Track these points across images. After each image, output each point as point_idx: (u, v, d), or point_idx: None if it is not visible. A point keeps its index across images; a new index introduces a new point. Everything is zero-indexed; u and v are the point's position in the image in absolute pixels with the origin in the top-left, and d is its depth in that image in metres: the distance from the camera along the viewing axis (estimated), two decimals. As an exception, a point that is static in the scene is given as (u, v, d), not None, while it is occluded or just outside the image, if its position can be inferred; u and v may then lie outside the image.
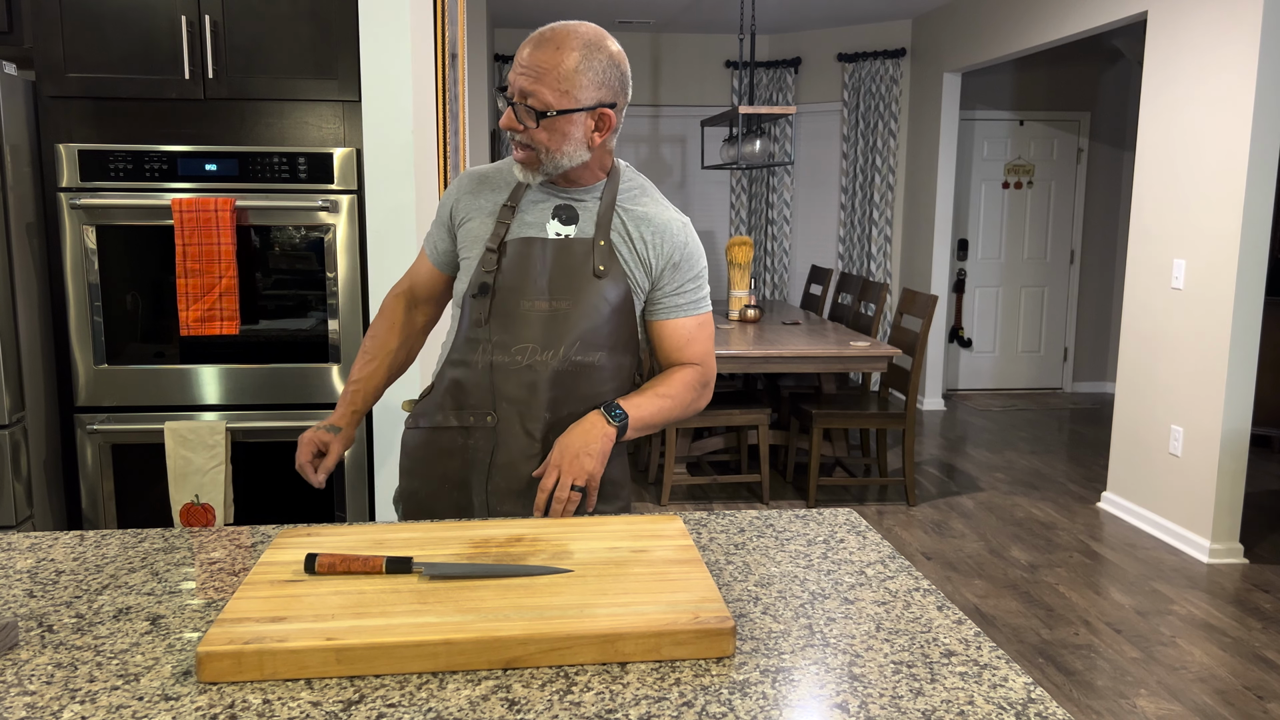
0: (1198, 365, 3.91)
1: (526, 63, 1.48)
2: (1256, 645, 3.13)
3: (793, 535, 1.44)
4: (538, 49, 1.48)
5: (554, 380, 1.57)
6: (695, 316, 1.66)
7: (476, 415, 1.60)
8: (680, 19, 6.77)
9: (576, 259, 1.57)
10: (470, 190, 1.64)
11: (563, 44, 1.47)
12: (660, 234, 1.61)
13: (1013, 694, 0.99)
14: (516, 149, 1.54)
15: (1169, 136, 4.10)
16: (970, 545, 4.04)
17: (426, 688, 0.98)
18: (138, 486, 2.74)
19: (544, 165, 1.53)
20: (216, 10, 2.59)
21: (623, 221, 1.60)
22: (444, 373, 1.63)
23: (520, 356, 1.57)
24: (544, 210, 1.59)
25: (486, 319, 1.57)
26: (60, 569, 1.30)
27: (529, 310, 1.56)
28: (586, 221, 1.59)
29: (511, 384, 1.57)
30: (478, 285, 1.58)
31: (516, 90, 1.49)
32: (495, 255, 1.57)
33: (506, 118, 1.51)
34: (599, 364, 1.59)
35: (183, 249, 2.58)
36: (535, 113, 1.48)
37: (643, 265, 1.61)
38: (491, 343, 1.57)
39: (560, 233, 1.58)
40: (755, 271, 7.49)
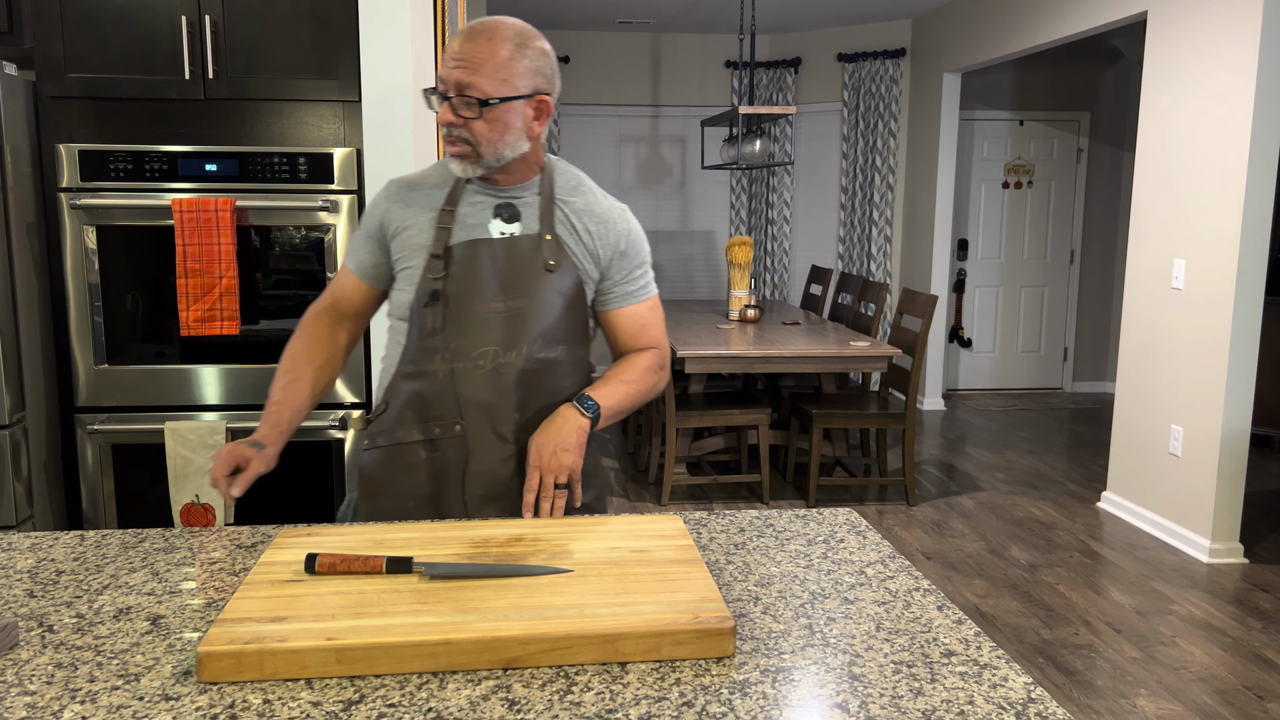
0: (1198, 365, 3.91)
1: (459, 55, 1.46)
2: (1256, 645, 3.13)
3: (793, 535, 1.44)
4: (469, 41, 1.46)
5: (520, 380, 1.56)
6: (647, 302, 1.69)
7: (443, 426, 1.56)
8: (680, 19, 6.77)
9: (526, 256, 1.56)
10: (400, 199, 1.60)
11: (495, 35, 1.47)
12: (604, 224, 1.62)
13: (1013, 694, 0.99)
14: (452, 145, 1.51)
15: (1169, 136, 4.10)
16: (970, 545, 4.04)
17: (427, 688, 0.98)
18: (138, 486, 2.74)
19: (484, 159, 1.51)
20: (216, 10, 2.59)
21: (565, 215, 1.60)
22: (397, 387, 1.58)
23: (483, 361, 1.54)
24: (484, 211, 1.57)
25: (441, 327, 1.54)
26: (61, 569, 1.30)
27: (485, 313, 1.54)
28: (530, 218, 1.58)
29: (476, 389, 1.55)
30: (428, 293, 1.54)
31: (451, 84, 1.47)
32: (442, 261, 1.54)
33: (445, 113, 1.48)
34: (560, 358, 1.60)
35: (183, 249, 2.58)
36: (477, 103, 1.46)
37: (591, 256, 1.61)
38: (449, 350, 1.54)
39: (505, 231, 1.57)
40: (755, 271, 7.49)
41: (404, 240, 1.57)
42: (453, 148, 1.51)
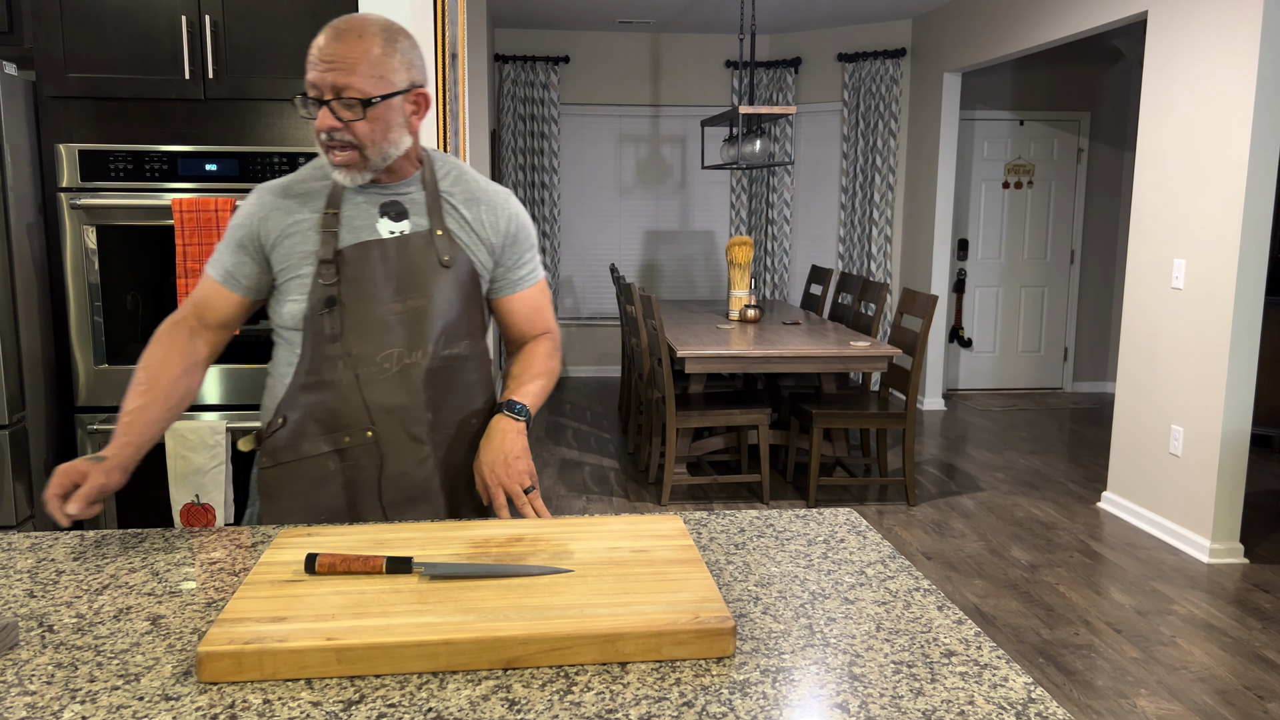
0: (1198, 365, 3.91)
1: (330, 57, 1.41)
2: (1257, 645, 3.13)
3: (793, 535, 1.44)
4: (338, 41, 1.42)
5: (429, 380, 1.54)
6: (537, 285, 1.70)
7: (352, 434, 1.52)
8: (680, 19, 6.77)
9: (419, 254, 1.53)
10: (278, 207, 1.53)
11: (363, 32, 1.43)
12: (493, 210, 1.61)
13: (1013, 694, 0.99)
14: (334, 151, 1.45)
15: (1169, 136, 4.10)
16: (970, 545, 4.04)
17: (427, 688, 0.98)
18: (138, 486, 2.74)
19: (370, 162, 1.47)
20: (216, 10, 2.59)
21: (452, 206, 1.58)
22: (295, 399, 1.53)
23: (388, 364, 1.51)
24: (370, 211, 1.53)
25: (340, 332, 1.49)
26: (61, 569, 1.30)
27: (385, 315, 1.51)
28: (417, 214, 1.55)
29: (385, 393, 1.52)
30: (323, 300, 1.49)
31: (327, 87, 1.42)
32: (333, 266, 1.48)
33: (324, 118, 1.43)
34: (464, 353, 1.59)
35: (183, 249, 2.58)
36: (359, 104, 1.42)
37: (484, 245, 1.60)
38: (351, 355, 1.50)
39: (394, 230, 1.53)
40: (755, 271, 7.49)
41: (288, 248, 1.51)
42: (337, 155, 1.46)
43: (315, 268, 1.50)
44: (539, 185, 7.32)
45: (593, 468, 5.15)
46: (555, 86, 7.20)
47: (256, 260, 1.54)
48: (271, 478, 1.55)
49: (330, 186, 1.54)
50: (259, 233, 1.53)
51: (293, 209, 1.53)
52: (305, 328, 1.51)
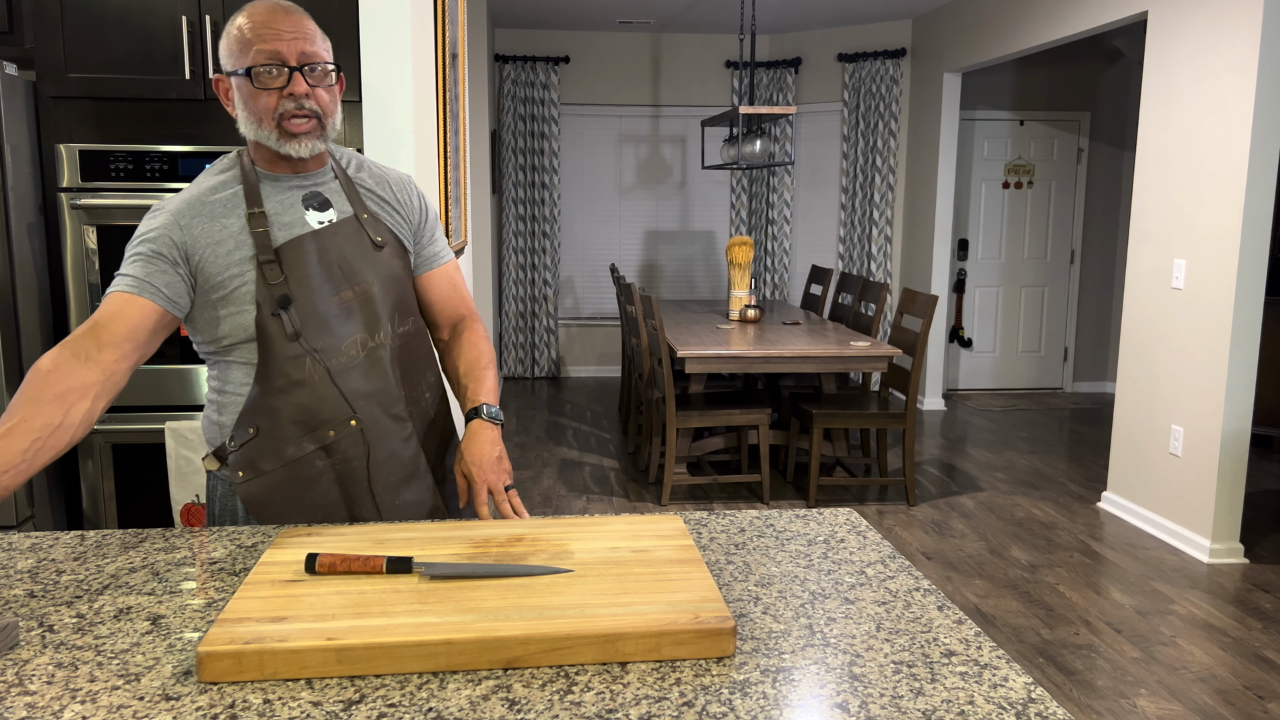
0: (1198, 365, 3.91)
1: (290, 27, 1.43)
2: (1257, 645, 3.13)
3: (793, 535, 1.44)
4: (287, 15, 1.44)
5: (395, 358, 1.57)
6: (451, 262, 1.72)
7: (336, 426, 1.51)
8: (680, 19, 6.77)
9: (352, 240, 1.54)
10: (198, 214, 1.46)
11: (297, 9, 1.47)
12: (403, 189, 1.64)
13: (1013, 694, 0.99)
14: (297, 120, 1.44)
15: (1169, 136, 4.10)
16: (970, 545, 4.04)
17: (427, 688, 0.98)
18: (138, 486, 2.74)
19: (325, 132, 1.49)
20: (217, 10, 2.59)
21: (368, 189, 1.60)
22: (265, 406, 1.48)
23: (354, 351, 1.52)
24: (294, 205, 1.51)
25: (299, 330, 1.47)
26: (61, 569, 1.30)
27: (338, 304, 1.51)
28: (339, 202, 1.56)
29: (359, 379, 1.52)
30: (276, 300, 1.45)
31: (294, 55, 1.42)
32: (276, 265, 1.46)
33: (299, 84, 1.42)
34: (414, 329, 1.62)
35: (183, 249, 2.58)
36: (332, 70, 1.47)
37: (407, 222, 1.63)
38: (317, 351, 1.48)
39: (322, 221, 1.53)
40: (755, 271, 7.49)
41: (221, 257, 1.45)
42: (301, 124, 1.45)
43: (256, 271, 1.46)
44: (539, 185, 7.32)
45: (593, 468, 5.15)
46: (555, 86, 7.20)
47: (179, 272, 1.44)
48: (255, 489, 1.50)
49: (241, 186, 1.50)
50: (184, 242, 1.44)
51: (216, 215, 1.47)
52: (259, 333, 1.46)
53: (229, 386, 1.51)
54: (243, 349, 1.48)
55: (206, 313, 1.47)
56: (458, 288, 1.72)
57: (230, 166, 1.53)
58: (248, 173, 1.51)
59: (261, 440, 1.49)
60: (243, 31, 1.43)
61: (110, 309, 1.40)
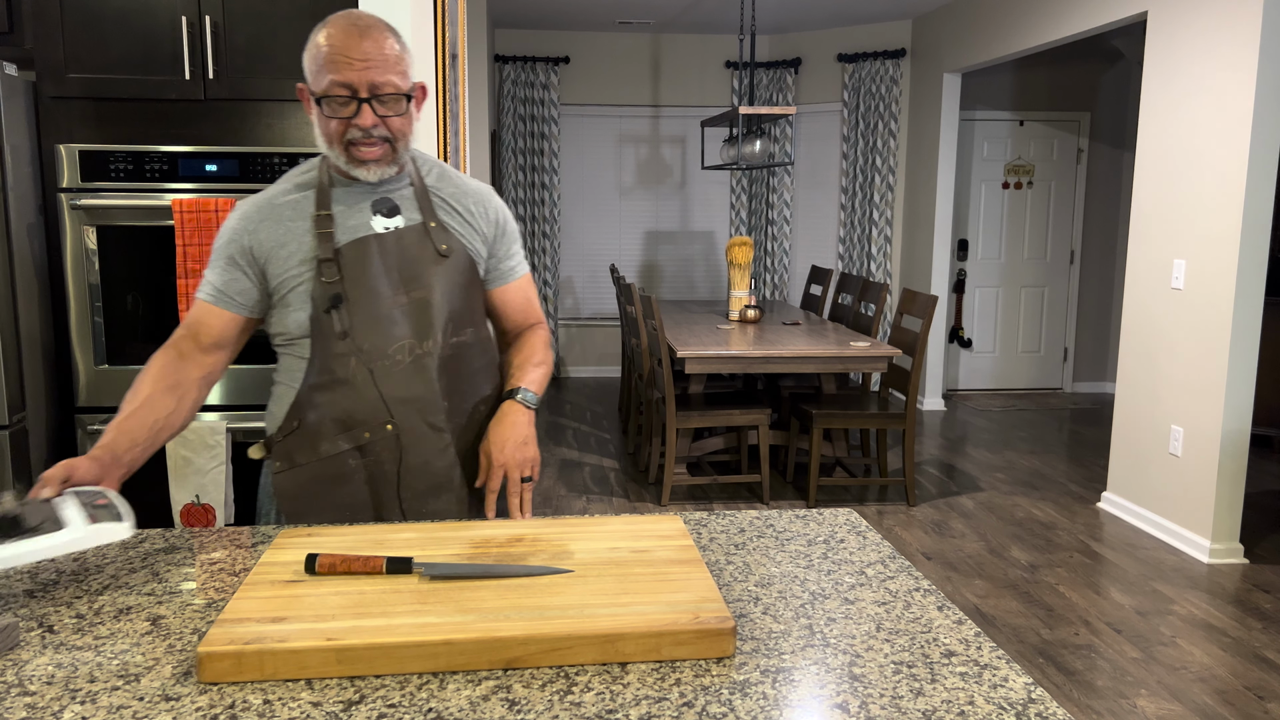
0: (1198, 365, 3.91)
1: (362, 55, 1.43)
2: (1257, 645, 3.13)
3: (793, 535, 1.44)
4: (363, 40, 1.43)
5: (442, 368, 1.56)
6: (526, 276, 1.73)
7: (372, 428, 1.53)
8: (680, 19, 6.77)
9: (416, 247, 1.55)
10: (266, 218, 1.53)
11: (381, 31, 1.46)
12: (481, 202, 1.65)
13: (1013, 694, 0.99)
14: (365, 148, 1.47)
15: (1169, 137, 4.10)
16: (970, 545, 4.04)
17: (427, 688, 0.98)
18: (138, 487, 2.73)
19: (398, 155, 1.51)
20: (217, 10, 2.59)
21: (442, 200, 1.61)
22: (309, 401, 1.53)
23: (400, 355, 1.53)
24: (362, 211, 1.54)
25: (348, 330, 1.50)
26: (61, 569, 1.30)
27: (390, 308, 1.52)
28: (409, 209, 1.57)
29: (400, 384, 1.53)
30: (328, 299, 1.49)
31: (364, 85, 1.43)
32: (334, 265, 1.50)
33: (367, 116, 1.44)
34: (471, 341, 1.62)
35: (183, 249, 2.58)
36: (403, 99, 1.47)
37: (479, 234, 1.63)
38: (363, 351, 1.51)
39: (388, 226, 1.54)
40: (755, 272, 7.49)
41: (284, 258, 1.51)
42: (369, 151, 1.47)
43: (315, 270, 1.50)
44: (539, 185, 7.32)
45: (593, 468, 5.15)
46: (555, 87, 7.20)
47: (250, 275, 1.53)
48: (287, 481, 1.55)
49: (316, 190, 1.54)
50: (250, 246, 1.52)
51: (283, 218, 1.53)
52: (313, 330, 1.51)
53: (284, 379, 1.58)
54: (300, 344, 1.54)
55: (274, 309, 1.55)
56: (530, 300, 1.74)
57: (310, 170, 1.57)
58: (323, 177, 1.55)
59: (301, 434, 1.54)
60: (319, 53, 1.45)
61: (198, 315, 1.54)
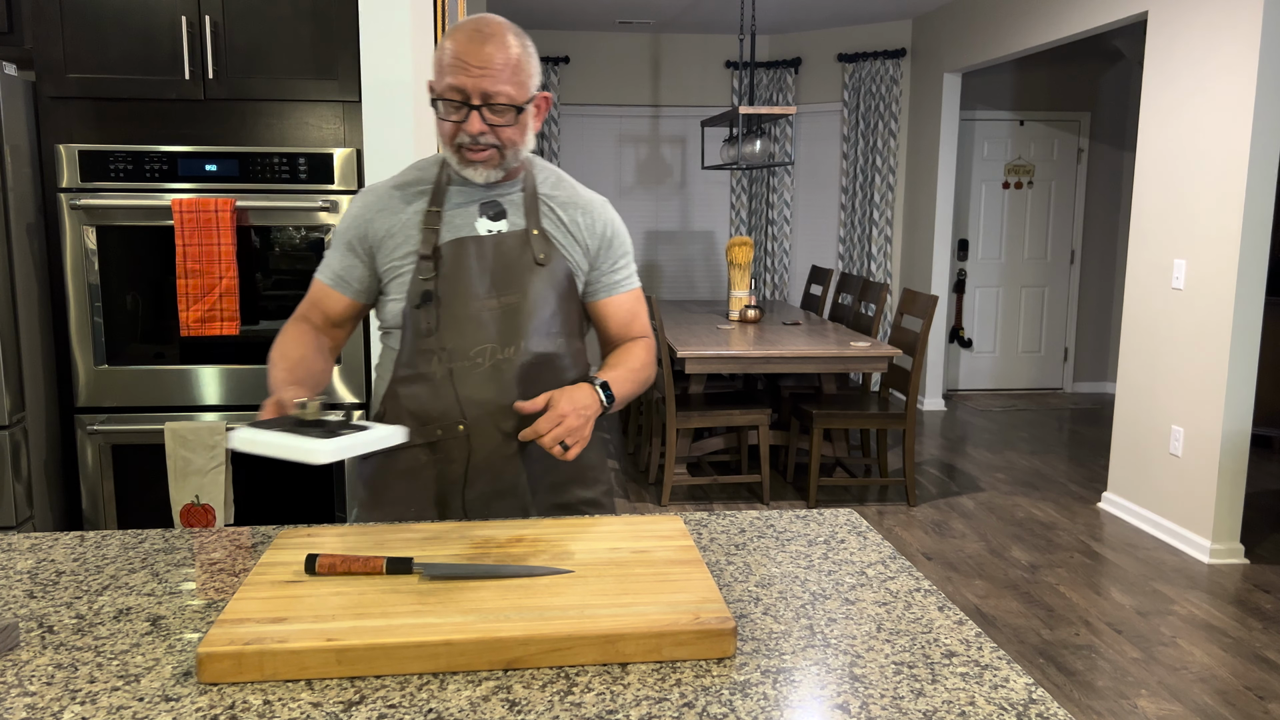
0: (1198, 365, 3.91)
1: (478, 62, 1.44)
2: (1257, 645, 3.13)
3: (793, 536, 1.44)
4: (483, 46, 1.44)
5: (521, 376, 1.56)
6: (633, 292, 1.70)
7: (445, 426, 1.55)
8: (680, 19, 6.77)
9: (514, 252, 1.56)
10: (384, 207, 1.58)
11: (503, 37, 1.46)
12: (589, 214, 1.64)
13: (1014, 694, 0.99)
14: (475, 151, 1.48)
15: (1169, 137, 4.10)
16: (971, 545, 4.04)
17: (427, 688, 0.98)
18: (138, 487, 2.74)
19: (506, 161, 1.52)
20: (216, 11, 2.59)
21: (550, 209, 1.61)
22: (394, 392, 1.57)
23: (481, 359, 1.54)
24: (470, 210, 1.56)
25: (435, 327, 1.53)
26: (61, 570, 1.30)
27: (480, 310, 1.54)
28: (515, 215, 1.58)
29: (477, 387, 1.54)
30: (419, 295, 1.53)
31: (477, 93, 1.44)
32: (431, 262, 1.53)
33: (475, 123, 1.45)
34: (558, 351, 1.61)
35: (183, 249, 2.58)
36: (513, 110, 1.47)
37: (580, 246, 1.62)
38: (446, 350, 1.53)
39: (492, 229, 1.56)
40: (755, 272, 7.49)
41: (391, 249, 1.56)
42: (476, 154, 1.49)
43: (415, 264, 1.54)
44: (539, 185, 7.31)
45: (593, 468, 5.14)
46: (555, 87, 7.20)
47: (363, 260, 1.59)
48: (368, 469, 1.60)
49: (433, 185, 1.58)
50: (366, 233, 1.57)
51: (398, 208, 1.57)
52: (404, 323, 1.55)
53: (380, 369, 1.64)
54: (393, 335, 1.58)
55: (380, 295, 1.61)
56: (636, 316, 1.71)
57: (433, 164, 1.60)
58: (442, 174, 1.58)
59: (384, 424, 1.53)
60: (443, 55, 1.47)
61: (318, 296, 1.62)
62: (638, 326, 1.71)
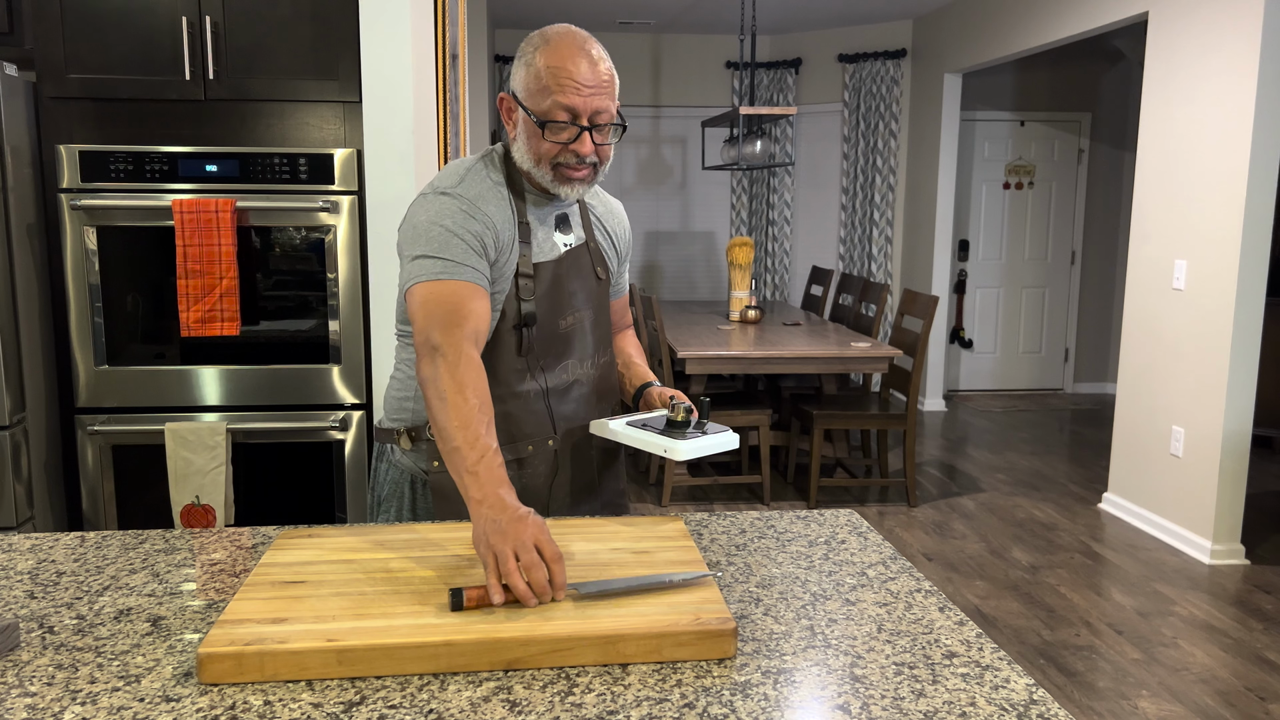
0: (1199, 366, 3.91)
1: (589, 81, 1.40)
2: (1258, 646, 3.13)
3: (794, 536, 1.44)
4: (593, 65, 1.41)
5: (595, 388, 1.60)
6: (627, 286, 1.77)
7: (535, 443, 1.54)
8: (681, 20, 6.77)
9: (585, 269, 1.58)
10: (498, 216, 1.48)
11: (601, 56, 1.44)
12: (620, 224, 1.68)
13: (1015, 695, 0.99)
14: (576, 170, 1.44)
15: (1170, 137, 4.10)
16: (971, 546, 4.03)
17: (427, 689, 0.98)
18: (138, 487, 2.74)
19: (598, 177, 1.50)
20: (217, 11, 2.59)
21: (595, 219, 1.63)
22: None
23: (565, 375, 1.56)
24: (548, 225, 1.54)
25: (530, 346, 1.51)
26: (61, 570, 1.30)
27: (564, 328, 1.55)
28: (576, 227, 1.60)
29: (567, 403, 1.56)
30: (520, 315, 1.48)
31: (588, 113, 1.41)
32: (531, 281, 1.49)
33: (586, 143, 1.42)
34: (611, 361, 1.66)
35: (183, 250, 2.58)
36: (618, 128, 1.46)
37: (618, 256, 1.68)
38: (540, 368, 1.53)
39: (565, 244, 1.56)
40: (756, 272, 7.49)
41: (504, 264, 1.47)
42: (579, 172, 1.45)
43: (513, 282, 1.48)
44: (539, 186, 7.31)
45: (593, 469, 5.14)
46: (556, 87, 7.20)
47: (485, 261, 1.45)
48: (447, 481, 1.48)
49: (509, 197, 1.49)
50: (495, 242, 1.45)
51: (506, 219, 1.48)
52: (495, 340, 1.48)
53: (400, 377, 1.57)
54: None
55: None
56: (626, 309, 1.78)
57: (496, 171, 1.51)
58: (513, 180, 1.50)
59: None
60: (544, 73, 1.40)
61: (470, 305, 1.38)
62: (628, 318, 1.79)
